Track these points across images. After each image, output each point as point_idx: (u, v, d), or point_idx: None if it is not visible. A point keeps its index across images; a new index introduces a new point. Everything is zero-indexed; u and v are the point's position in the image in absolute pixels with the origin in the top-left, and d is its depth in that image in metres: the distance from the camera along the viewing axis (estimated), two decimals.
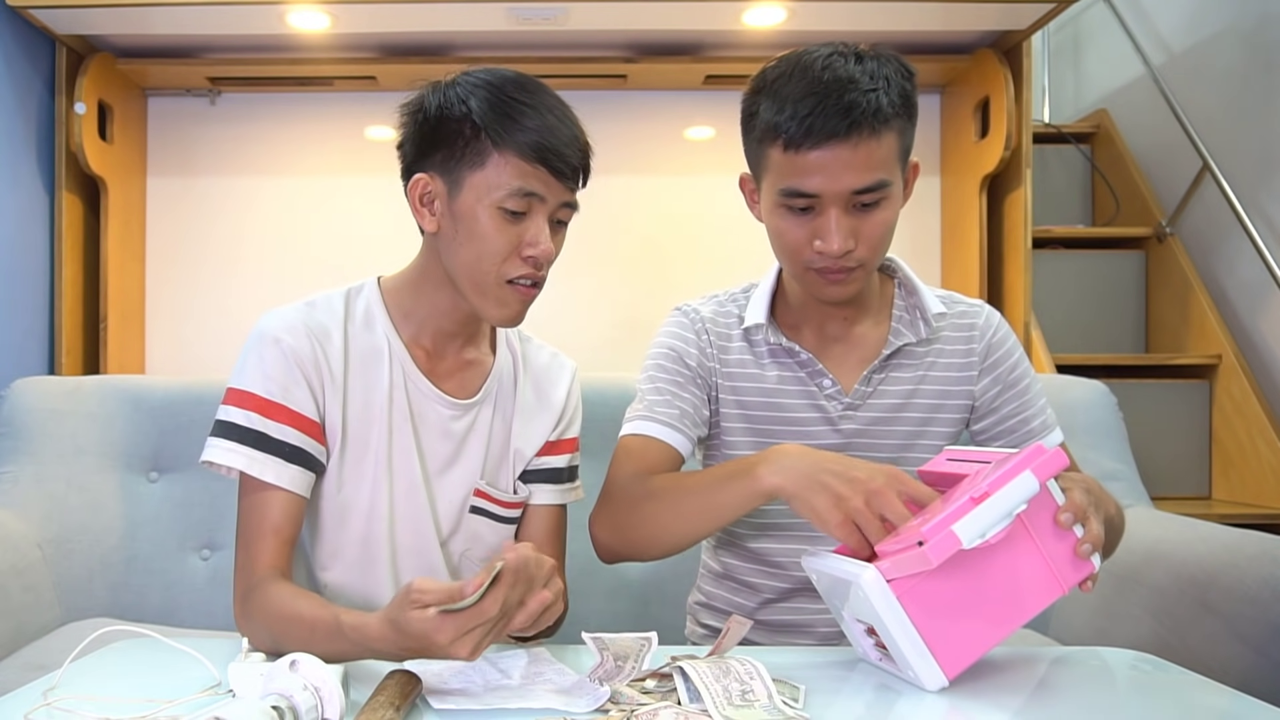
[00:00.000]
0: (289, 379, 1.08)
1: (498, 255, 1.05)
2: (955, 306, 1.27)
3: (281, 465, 1.06)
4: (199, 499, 1.77)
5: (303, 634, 0.92)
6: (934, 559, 0.83)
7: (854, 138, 1.06)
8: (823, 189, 1.09)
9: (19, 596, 1.56)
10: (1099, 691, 0.94)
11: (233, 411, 1.07)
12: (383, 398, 1.12)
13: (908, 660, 0.89)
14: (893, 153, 1.10)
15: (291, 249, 2.49)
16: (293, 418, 1.07)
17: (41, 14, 2.07)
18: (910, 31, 2.30)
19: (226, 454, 1.05)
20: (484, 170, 1.04)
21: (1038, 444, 0.91)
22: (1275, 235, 2.56)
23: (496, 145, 1.03)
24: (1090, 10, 3.41)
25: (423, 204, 1.09)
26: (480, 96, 1.05)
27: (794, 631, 1.27)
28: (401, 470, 1.13)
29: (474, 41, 2.33)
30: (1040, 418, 1.26)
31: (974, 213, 2.39)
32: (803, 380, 1.23)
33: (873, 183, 1.09)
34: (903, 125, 1.11)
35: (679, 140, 2.55)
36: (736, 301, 1.29)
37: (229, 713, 0.69)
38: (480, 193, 1.04)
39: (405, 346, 1.14)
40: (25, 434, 1.75)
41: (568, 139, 1.05)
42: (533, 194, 1.04)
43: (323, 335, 1.11)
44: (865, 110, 1.06)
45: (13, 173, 2.14)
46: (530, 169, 1.03)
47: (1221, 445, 2.70)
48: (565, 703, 0.83)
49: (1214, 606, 1.32)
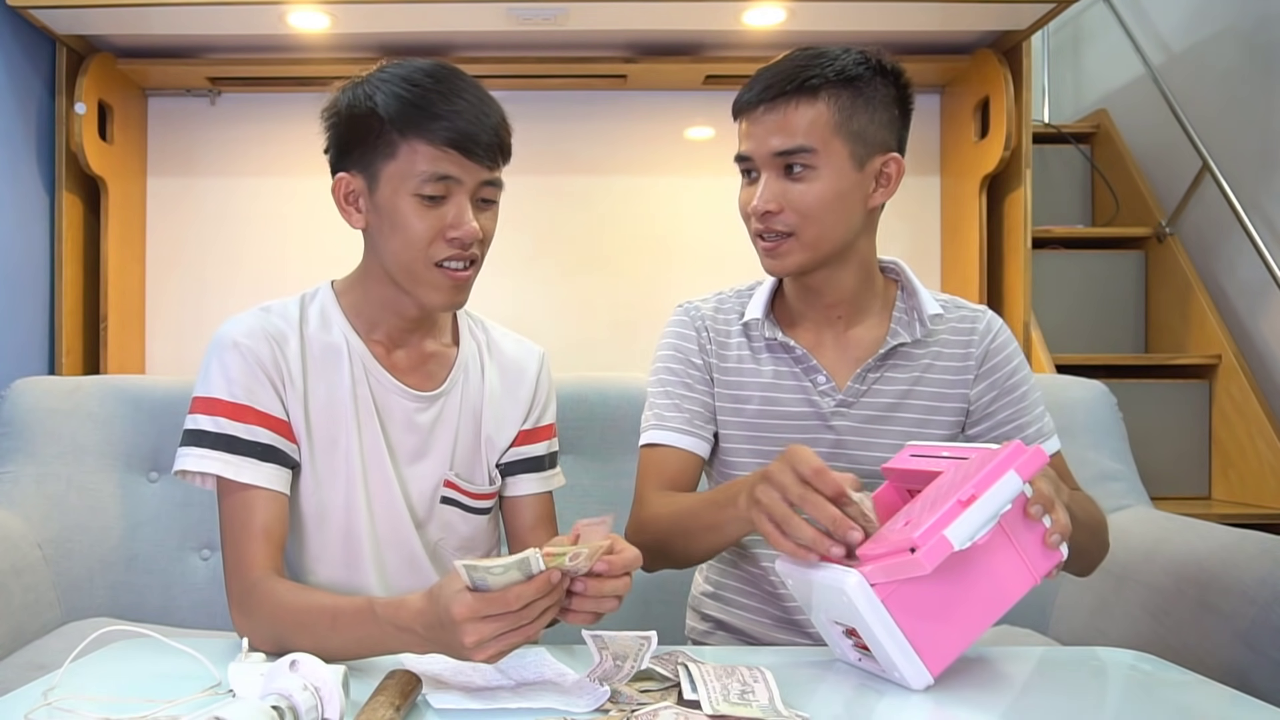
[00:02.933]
0: (252, 381, 1.09)
1: (422, 241, 1.07)
2: (956, 311, 1.28)
3: (257, 465, 1.07)
4: (199, 499, 1.77)
5: (322, 623, 0.93)
6: (928, 564, 0.84)
7: (778, 102, 1.15)
8: (753, 151, 1.18)
9: (19, 596, 1.56)
10: (1099, 691, 0.94)
11: (200, 419, 1.08)
12: (346, 395, 1.14)
13: (893, 661, 0.89)
14: (824, 123, 1.15)
15: (291, 249, 2.49)
16: (261, 418, 1.09)
17: (41, 14, 2.07)
18: (910, 31, 2.31)
19: (200, 461, 1.07)
20: (396, 161, 1.06)
21: (1017, 442, 0.91)
22: (1275, 235, 2.56)
23: (403, 135, 1.05)
24: (1090, 10, 3.41)
25: (348, 203, 1.12)
26: (386, 90, 1.06)
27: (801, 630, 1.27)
28: (373, 464, 1.15)
29: (474, 41, 2.33)
30: (1036, 425, 1.25)
31: (974, 213, 2.39)
32: (797, 376, 1.24)
33: (792, 146, 1.15)
34: (839, 100, 1.15)
35: (679, 140, 2.55)
36: (740, 297, 1.32)
37: (229, 713, 0.69)
38: (396, 183, 1.06)
39: (364, 343, 1.16)
40: (25, 434, 1.75)
41: (476, 119, 1.06)
42: (447, 177, 1.06)
43: (280, 338, 1.12)
44: (792, 78, 1.15)
45: (13, 173, 2.14)
46: (439, 153, 1.05)
47: (1221, 445, 2.70)
48: (565, 703, 0.83)
49: (1214, 606, 1.32)
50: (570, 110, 2.48)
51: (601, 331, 2.49)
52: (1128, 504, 1.71)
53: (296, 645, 0.89)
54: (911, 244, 2.55)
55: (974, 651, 1.05)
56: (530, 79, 2.43)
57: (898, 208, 2.61)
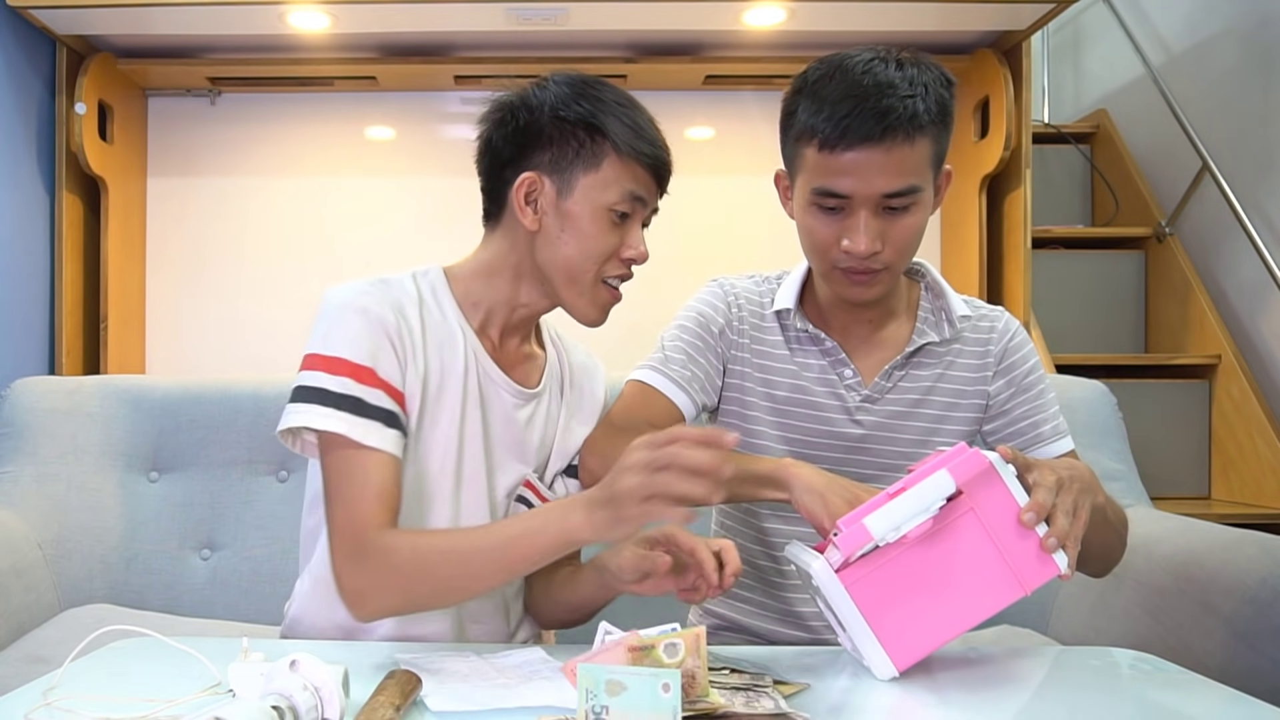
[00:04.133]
0: (377, 346, 1.06)
1: (601, 255, 1.10)
2: (976, 310, 1.29)
3: (382, 430, 1.04)
4: (199, 499, 1.77)
5: (465, 542, 0.98)
6: (844, 551, 0.89)
7: (887, 142, 1.08)
8: (854, 190, 1.11)
9: (19, 597, 1.56)
10: (1099, 691, 0.94)
11: (322, 377, 1.04)
12: (457, 378, 1.12)
13: (859, 648, 0.92)
14: (925, 159, 1.12)
15: (291, 249, 2.48)
16: (383, 384, 1.06)
17: (41, 14, 2.07)
18: (910, 31, 2.30)
19: (325, 420, 1.02)
20: (599, 172, 1.08)
21: (961, 444, 0.94)
22: (1275, 235, 2.56)
23: (617, 150, 1.08)
24: (1090, 10, 3.41)
25: (526, 201, 1.11)
26: (591, 99, 1.10)
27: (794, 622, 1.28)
28: (470, 451, 1.14)
29: (474, 41, 2.33)
30: (1051, 423, 1.27)
31: (974, 213, 2.39)
32: (825, 369, 1.25)
33: (903, 187, 1.11)
34: (937, 132, 1.12)
35: (679, 140, 2.54)
36: (770, 283, 1.32)
37: (229, 713, 0.69)
38: (593, 194, 1.09)
39: (476, 334, 1.16)
40: (25, 434, 1.75)
41: (667, 149, 1.12)
42: (640, 198, 1.10)
43: (400, 309, 1.10)
44: (900, 115, 1.08)
45: (13, 173, 2.14)
46: (642, 174, 1.09)
47: (1221, 445, 2.70)
48: (565, 702, 0.83)
49: (1213, 606, 1.32)
50: None
51: (602, 332, 2.49)
52: (1128, 504, 1.70)
53: (435, 580, 0.96)
54: None
55: (973, 650, 1.05)
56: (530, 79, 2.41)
57: None
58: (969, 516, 0.92)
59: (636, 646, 0.79)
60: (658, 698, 0.70)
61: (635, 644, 0.79)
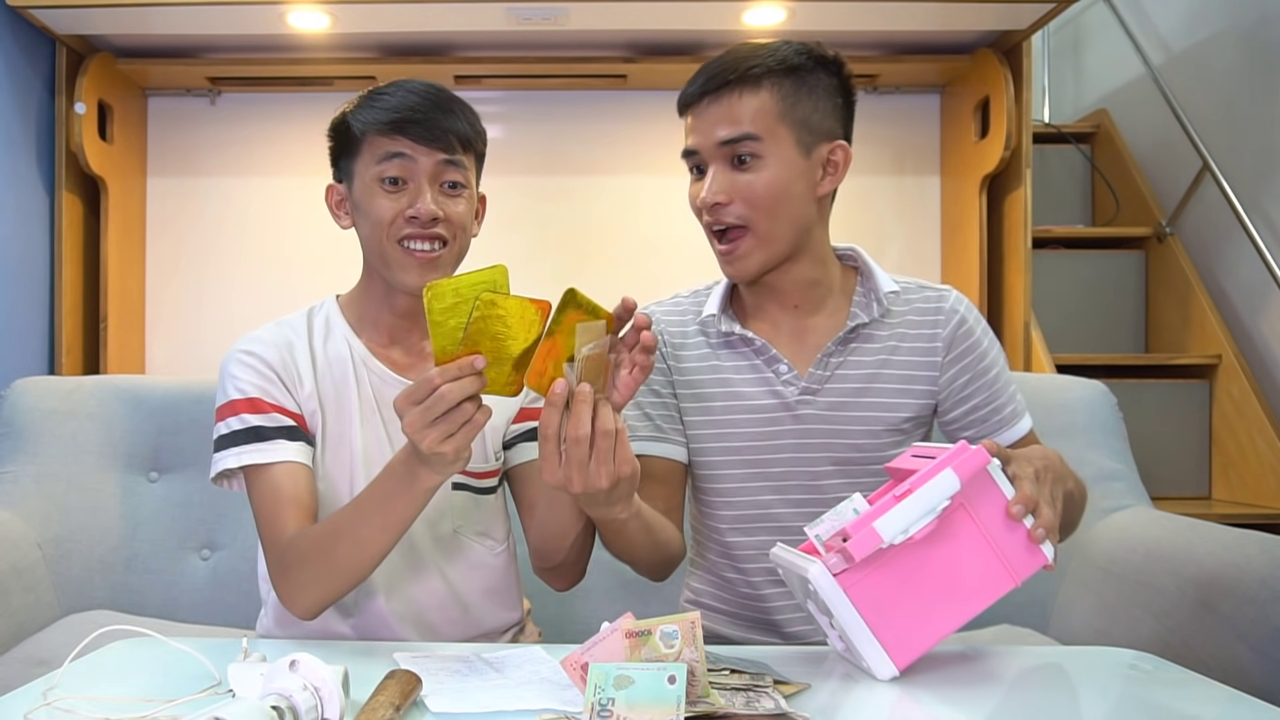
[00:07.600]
0: (264, 381, 1.16)
1: (384, 222, 1.15)
2: (919, 291, 1.27)
3: (285, 444, 1.13)
4: (199, 499, 1.77)
5: (353, 523, 1.01)
6: (856, 555, 0.88)
7: (722, 93, 1.16)
8: (699, 144, 1.18)
9: (19, 597, 1.56)
10: (1099, 691, 0.94)
11: (227, 424, 1.14)
12: (351, 394, 1.19)
13: (859, 650, 0.92)
14: (766, 111, 1.15)
15: (291, 249, 2.49)
16: (276, 408, 1.15)
17: (41, 14, 2.07)
18: (910, 31, 2.31)
19: (237, 457, 1.12)
20: (360, 156, 1.16)
21: (962, 442, 0.94)
22: (1275, 235, 2.56)
23: (361, 131, 1.15)
24: (1090, 10, 3.41)
25: (338, 209, 1.23)
26: (354, 102, 1.19)
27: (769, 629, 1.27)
28: (376, 458, 1.17)
29: (474, 41, 2.33)
30: (1011, 405, 1.25)
31: (974, 213, 2.39)
32: (759, 368, 1.23)
33: (738, 134, 1.15)
34: (782, 89, 1.16)
35: (679, 141, 2.55)
36: (697, 297, 1.32)
37: (229, 713, 0.69)
38: (363, 176, 1.16)
39: (364, 345, 1.22)
40: (25, 434, 1.75)
41: (419, 105, 1.14)
42: (399, 154, 1.14)
43: (288, 346, 1.19)
44: (732, 68, 1.15)
45: (13, 173, 2.14)
46: (389, 140, 1.14)
47: (1221, 445, 2.70)
48: (564, 702, 0.83)
49: (1214, 606, 1.32)
50: (570, 110, 2.48)
51: None
52: (1128, 504, 1.70)
53: (335, 561, 1.01)
54: (911, 244, 2.55)
55: (973, 650, 1.05)
56: (530, 79, 2.42)
57: (898, 208, 2.63)
58: (961, 512, 0.93)
59: (634, 631, 0.80)
60: (663, 689, 0.73)
61: (631, 628, 0.80)
